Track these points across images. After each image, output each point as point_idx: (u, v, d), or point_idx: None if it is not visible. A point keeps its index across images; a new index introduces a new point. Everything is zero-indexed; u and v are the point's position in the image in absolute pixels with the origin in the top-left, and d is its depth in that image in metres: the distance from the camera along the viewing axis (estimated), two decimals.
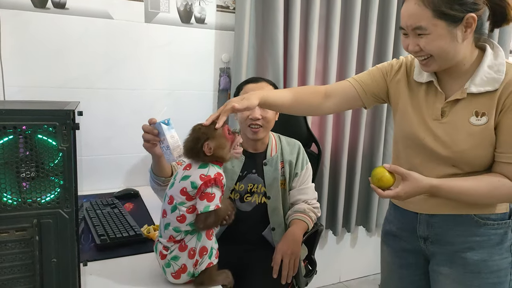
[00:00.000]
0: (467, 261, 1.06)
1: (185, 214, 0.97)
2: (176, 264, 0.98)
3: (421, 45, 0.96)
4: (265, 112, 1.46)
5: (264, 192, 1.52)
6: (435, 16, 0.91)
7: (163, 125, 1.11)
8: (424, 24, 0.93)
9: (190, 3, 1.83)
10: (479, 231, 1.04)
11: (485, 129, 0.98)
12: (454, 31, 0.93)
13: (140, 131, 1.83)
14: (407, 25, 0.96)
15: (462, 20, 0.91)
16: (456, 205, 1.05)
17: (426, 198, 1.08)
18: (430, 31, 0.93)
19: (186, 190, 0.97)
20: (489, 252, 1.04)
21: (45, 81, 1.65)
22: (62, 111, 0.77)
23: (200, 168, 0.99)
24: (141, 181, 1.88)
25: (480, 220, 1.04)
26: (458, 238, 1.07)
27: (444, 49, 0.95)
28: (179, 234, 0.98)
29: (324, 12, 2.04)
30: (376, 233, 2.55)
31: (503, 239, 1.05)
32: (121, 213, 1.43)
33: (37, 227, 0.78)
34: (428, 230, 1.12)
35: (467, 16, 0.91)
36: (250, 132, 1.47)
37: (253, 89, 1.47)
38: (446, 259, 1.10)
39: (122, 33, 1.74)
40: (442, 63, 0.99)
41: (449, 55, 0.96)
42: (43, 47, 1.62)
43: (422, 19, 0.93)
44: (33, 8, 1.59)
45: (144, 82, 1.82)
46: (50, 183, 0.78)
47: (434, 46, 0.94)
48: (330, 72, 2.06)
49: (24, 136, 0.75)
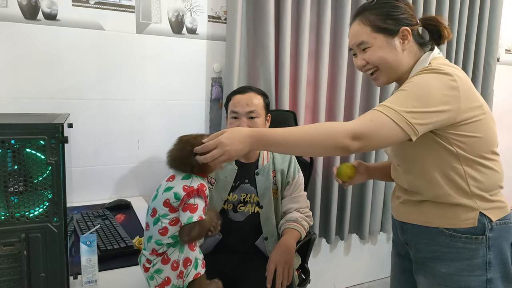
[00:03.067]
0: (435, 272, 1.06)
1: (168, 227, 0.96)
2: (159, 277, 0.98)
3: (366, 58, 1.07)
4: (253, 123, 1.46)
5: (257, 201, 1.52)
6: (373, 30, 1.05)
7: (82, 245, 1.04)
8: (365, 39, 1.06)
9: (182, 14, 1.84)
10: (445, 242, 1.04)
11: None
12: (392, 42, 1.05)
13: (132, 141, 1.84)
14: (352, 44, 1.10)
15: (397, 32, 1.04)
16: (422, 216, 1.08)
17: (398, 205, 1.16)
18: (371, 43, 1.06)
19: (169, 202, 0.97)
20: (456, 267, 1.03)
21: (36, 93, 1.64)
22: (51, 125, 0.77)
23: (184, 179, 0.99)
24: (133, 192, 1.87)
25: (445, 230, 1.04)
26: (426, 246, 1.08)
27: (385, 58, 1.05)
28: (161, 247, 0.98)
29: (314, 21, 2.07)
30: (370, 240, 2.55)
31: (474, 255, 1.02)
32: (112, 224, 1.42)
33: (25, 242, 0.77)
34: (404, 236, 1.16)
35: (402, 29, 1.04)
36: None
37: (241, 100, 1.47)
38: (420, 267, 1.11)
39: (113, 44, 1.74)
40: (388, 74, 1.08)
41: (392, 64, 1.06)
42: (34, 58, 1.62)
43: (362, 35, 1.06)
44: (23, 19, 1.59)
45: (136, 93, 1.82)
46: (38, 197, 0.78)
47: (377, 56, 1.06)
48: (321, 80, 2.07)
49: (12, 150, 0.75)
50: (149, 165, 1.89)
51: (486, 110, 1.01)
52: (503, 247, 1.03)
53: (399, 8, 1.05)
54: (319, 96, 2.08)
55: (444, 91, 0.94)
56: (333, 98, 2.15)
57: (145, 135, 1.86)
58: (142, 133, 1.86)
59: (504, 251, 1.03)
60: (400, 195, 1.16)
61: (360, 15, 1.07)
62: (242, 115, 1.46)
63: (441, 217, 1.05)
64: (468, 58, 2.50)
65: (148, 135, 1.87)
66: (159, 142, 1.89)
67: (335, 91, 2.14)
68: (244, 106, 1.46)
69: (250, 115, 1.46)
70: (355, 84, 2.17)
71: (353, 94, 2.18)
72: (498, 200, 1.04)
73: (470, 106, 0.97)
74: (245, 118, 1.46)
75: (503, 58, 2.83)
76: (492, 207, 1.02)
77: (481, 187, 1.02)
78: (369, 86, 2.24)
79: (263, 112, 1.51)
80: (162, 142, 1.90)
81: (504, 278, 1.03)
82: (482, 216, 1.01)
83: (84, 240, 1.04)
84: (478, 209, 1.01)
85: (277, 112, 1.94)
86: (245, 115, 1.46)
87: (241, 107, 1.46)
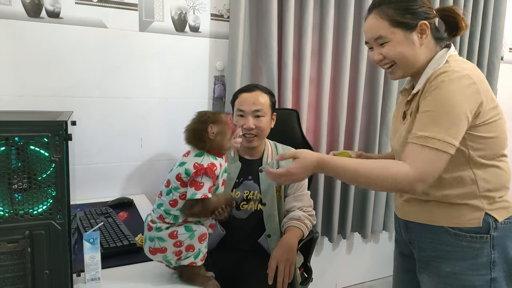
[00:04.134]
0: (440, 271, 1.06)
1: (178, 199, 1.02)
2: (159, 244, 1.03)
3: (384, 53, 1.06)
4: (258, 121, 1.48)
5: (260, 199, 1.52)
6: (391, 25, 1.03)
7: (85, 243, 1.04)
8: (383, 33, 1.04)
9: (185, 12, 1.84)
10: (450, 241, 1.04)
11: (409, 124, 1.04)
12: (410, 36, 1.03)
13: (135, 139, 1.84)
14: (369, 38, 1.08)
15: (416, 26, 1.02)
16: (427, 215, 1.07)
17: (403, 204, 1.15)
18: (389, 38, 1.04)
19: (180, 176, 1.02)
20: (461, 266, 1.03)
21: (39, 90, 1.64)
22: (54, 122, 0.77)
23: (196, 157, 1.04)
24: (136, 190, 1.87)
25: (450, 229, 1.04)
26: (430, 245, 1.08)
27: (404, 53, 1.04)
28: (169, 216, 1.03)
29: (317, 20, 2.06)
30: (372, 239, 2.55)
31: (479, 254, 1.02)
32: (115, 222, 1.42)
33: (29, 239, 0.77)
34: (408, 235, 1.16)
35: (420, 23, 1.02)
36: (245, 141, 1.48)
37: (248, 98, 1.48)
38: (424, 267, 1.11)
39: (116, 42, 1.74)
40: (405, 69, 1.07)
41: (410, 59, 1.04)
42: (37, 56, 1.63)
43: (380, 29, 1.04)
44: (27, 17, 1.59)
45: (139, 91, 1.82)
46: (42, 194, 0.78)
47: (395, 51, 1.04)
48: (324, 79, 2.07)
49: (16, 147, 0.75)
50: (152, 163, 1.89)
51: (500, 111, 1.01)
52: (508, 246, 1.02)
53: (417, 2, 1.03)
54: (322, 95, 2.08)
55: (469, 99, 0.95)
56: (336, 97, 2.15)
57: (148, 133, 1.87)
58: (145, 131, 1.86)
59: (508, 250, 1.02)
60: (404, 193, 1.15)
61: (377, 8, 1.05)
62: (248, 114, 1.47)
63: (446, 216, 1.04)
64: (472, 56, 2.48)
65: (151, 133, 1.87)
66: (161, 140, 1.89)
67: (338, 90, 2.13)
68: (251, 104, 1.47)
69: (256, 113, 1.48)
70: (358, 83, 2.16)
71: (356, 93, 2.17)
72: (504, 200, 1.04)
73: (489, 107, 0.97)
74: (251, 117, 1.47)
75: (506, 57, 2.81)
76: (498, 207, 1.02)
77: (490, 188, 1.01)
78: (372, 85, 2.23)
79: (269, 111, 1.52)
80: (164, 140, 1.90)
81: (508, 277, 1.03)
82: (487, 216, 1.01)
83: (87, 238, 1.05)
84: (484, 209, 1.01)
85: (280, 110, 1.93)
86: (251, 114, 1.47)
87: (247, 105, 1.47)
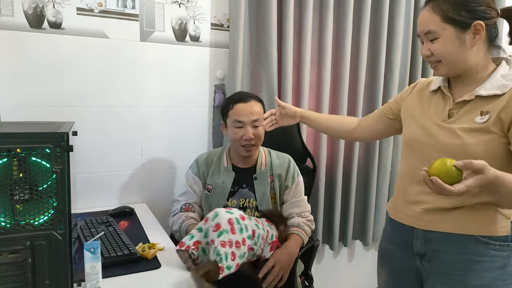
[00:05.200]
0: (466, 286, 1.01)
1: None
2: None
3: (432, 49, 1.01)
4: (257, 131, 1.49)
5: (256, 206, 1.53)
6: (443, 21, 0.97)
7: (86, 253, 1.03)
8: (433, 28, 0.99)
9: (185, 22, 1.86)
10: (479, 250, 0.99)
11: (487, 126, 0.96)
12: (462, 36, 0.97)
13: (135, 148, 1.85)
14: (420, 31, 1.03)
15: (470, 26, 0.96)
16: (457, 223, 1.01)
17: (422, 213, 1.07)
18: (439, 34, 0.98)
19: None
20: (491, 277, 0.99)
21: (41, 101, 1.66)
22: (56, 134, 0.78)
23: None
24: (136, 199, 1.88)
25: (480, 238, 0.99)
26: (457, 256, 1.02)
27: (452, 53, 0.99)
28: None
29: (316, 27, 2.08)
30: (373, 247, 2.54)
31: (506, 263, 0.99)
32: (115, 231, 1.42)
33: (30, 249, 0.78)
34: (426, 246, 1.08)
35: (475, 23, 0.95)
36: (244, 151, 1.49)
37: (245, 109, 1.49)
38: (441, 281, 1.05)
39: (117, 52, 1.76)
40: (451, 68, 1.03)
41: (458, 60, 1.00)
42: (39, 66, 1.64)
43: (431, 24, 0.99)
44: (29, 28, 1.61)
45: (140, 100, 1.83)
46: (43, 205, 0.78)
47: (444, 50, 0.99)
48: (324, 86, 2.08)
49: (18, 159, 0.76)
50: (153, 172, 1.89)
51: None
52: None
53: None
54: (321, 101, 2.09)
55: None
56: (336, 103, 2.16)
57: (148, 142, 1.87)
58: (145, 140, 1.87)
59: None
60: (423, 200, 1.07)
61: (433, 1, 0.99)
62: (247, 124, 1.48)
63: (478, 224, 1.00)
64: None
65: (151, 142, 1.88)
66: (162, 149, 1.90)
67: (338, 97, 2.14)
68: (249, 115, 1.48)
69: (254, 123, 1.49)
70: (357, 89, 2.17)
71: (356, 100, 2.18)
72: None
73: None
74: (249, 127, 1.48)
75: None
76: None
77: None
78: (371, 90, 2.24)
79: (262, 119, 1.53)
80: (165, 149, 1.91)
81: None
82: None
83: (88, 247, 1.05)
84: (510, 218, 1.00)
85: None
86: (249, 124, 1.48)
87: (246, 116, 1.48)
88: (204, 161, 1.58)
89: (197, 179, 1.56)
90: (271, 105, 1.96)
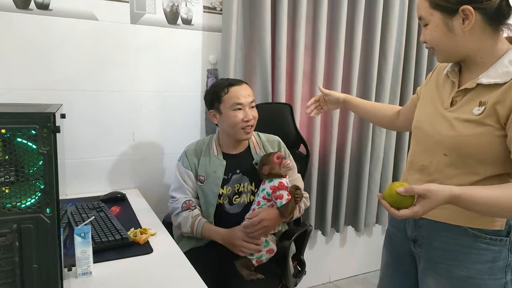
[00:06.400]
0: (452, 275, 1.01)
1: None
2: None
3: (425, 36, 0.99)
4: (254, 111, 1.51)
5: (251, 190, 1.53)
6: (430, 6, 0.94)
7: (76, 237, 1.04)
8: (423, 14, 0.97)
9: (177, 4, 1.82)
10: (468, 242, 0.98)
11: (482, 118, 0.93)
12: (450, 22, 0.93)
13: (127, 133, 1.82)
14: (417, 17, 1.01)
15: (457, 11, 0.91)
16: (446, 212, 1.00)
17: None
18: (428, 20, 0.96)
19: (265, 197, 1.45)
20: (478, 270, 0.98)
21: (29, 83, 1.62)
22: (42, 114, 0.75)
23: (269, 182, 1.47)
24: (128, 184, 1.86)
25: (470, 229, 0.98)
26: (444, 244, 1.02)
27: (440, 40, 0.95)
28: None
29: (311, 13, 2.05)
30: (365, 233, 2.56)
31: (496, 258, 0.97)
32: (107, 216, 1.41)
33: (17, 233, 0.76)
34: (416, 232, 1.09)
35: (463, 8, 0.90)
36: (244, 133, 1.49)
37: (241, 91, 1.48)
38: (431, 268, 1.05)
39: (107, 35, 1.72)
40: (446, 55, 0.99)
41: (449, 47, 0.96)
42: (26, 48, 1.60)
43: (421, 9, 0.97)
44: (15, 8, 1.56)
45: (130, 84, 1.80)
46: (30, 188, 0.76)
47: (431, 37, 0.97)
48: (317, 72, 2.06)
49: (2, 140, 0.73)
50: (145, 157, 1.87)
51: None
52: None
53: None
54: (315, 88, 2.07)
55: None
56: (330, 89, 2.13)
57: (140, 127, 1.85)
58: (137, 125, 1.84)
59: None
60: None
61: None
62: (246, 106, 1.48)
63: (468, 216, 0.97)
64: None
65: (143, 127, 1.85)
66: (154, 134, 1.88)
67: (332, 84, 2.13)
68: (247, 96, 1.49)
69: (252, 104, 1.51)
70: (351, 77, 2.16)
71: (349, 87, 2.17)
72: None
73: None
74: (248, 108, 1.49)
75: None
76: None
77: None
78: (365, 78, 2.23)
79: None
80: (157, 134, 1.89)
81: None
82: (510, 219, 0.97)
83: (78, 232, 1.04)
84: None
85: (274, 104, 1.93)
86: (248, 105, 1.49)
87: (244, 98, 1.48)
88: (193, 152, 1.56)
89: (189, 172, 1.54)
90: (265, 91, 1.95)
